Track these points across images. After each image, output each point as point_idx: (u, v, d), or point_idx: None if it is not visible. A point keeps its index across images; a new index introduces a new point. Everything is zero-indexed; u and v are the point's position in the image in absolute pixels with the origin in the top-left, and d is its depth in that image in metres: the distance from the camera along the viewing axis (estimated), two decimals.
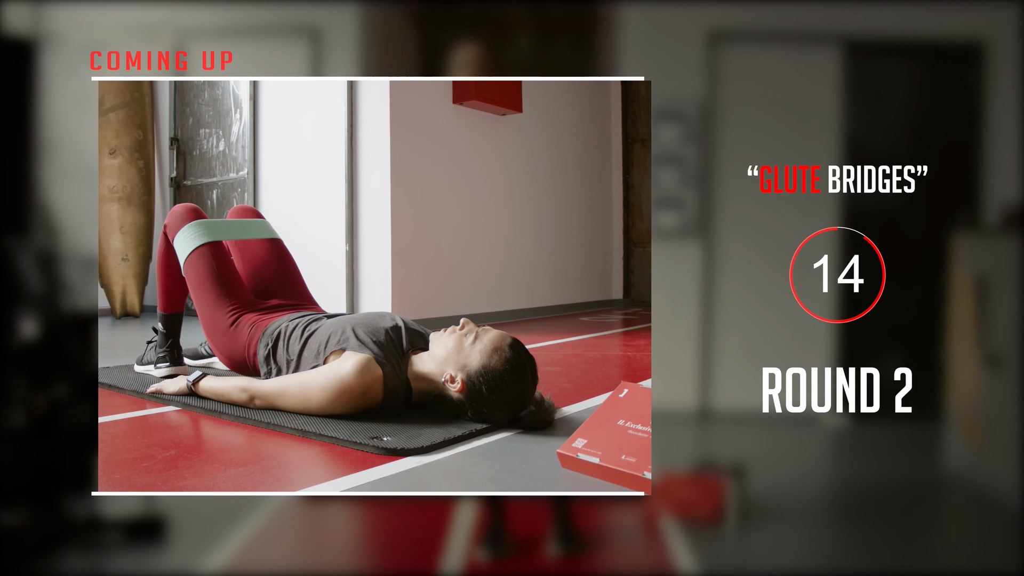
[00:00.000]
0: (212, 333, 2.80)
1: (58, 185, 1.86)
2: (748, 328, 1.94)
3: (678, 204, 1.94)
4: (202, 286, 2.83)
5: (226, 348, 2.76)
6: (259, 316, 2.76)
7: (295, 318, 2.68)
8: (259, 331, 2.68)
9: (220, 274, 2.86)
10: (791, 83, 1.92)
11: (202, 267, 2.86)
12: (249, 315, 2.77)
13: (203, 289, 2.83)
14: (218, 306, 2.79)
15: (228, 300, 2.81)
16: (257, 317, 2.75)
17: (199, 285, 2.84)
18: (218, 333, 2.78)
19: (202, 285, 2.83)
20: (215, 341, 2.80)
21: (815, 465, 2.00)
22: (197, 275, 2.86)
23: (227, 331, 2.75)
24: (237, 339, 2.72)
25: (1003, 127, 1.86)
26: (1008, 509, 1.74)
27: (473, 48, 2.06)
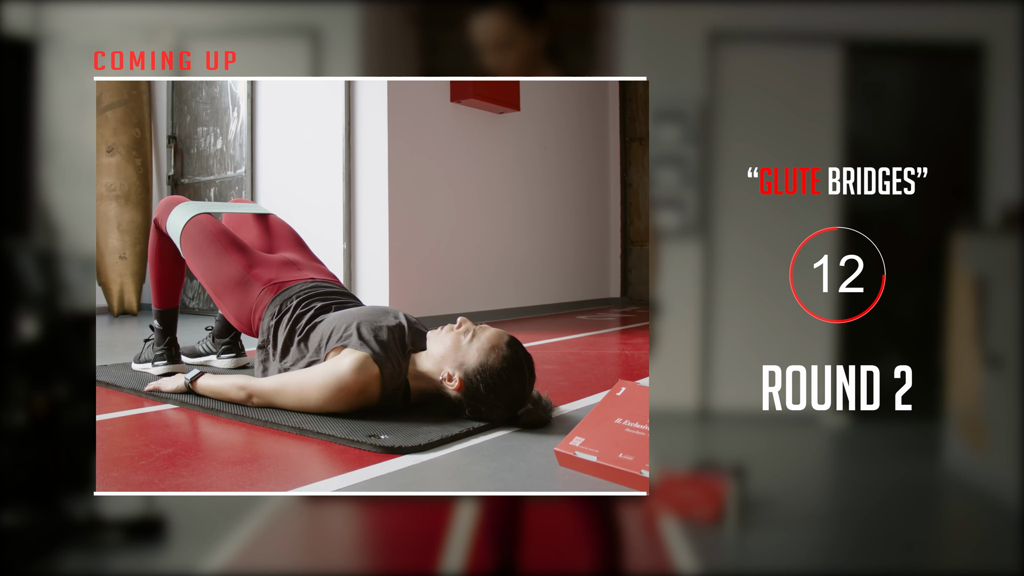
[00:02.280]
0: (220, 289, 2.75)
1: (58, 185, 1.86)
2: (748, 327, 1.94)
3: (678, 204, 1.94)
4: (203, 245, 2.78)
5: (234, 304, 2.72)
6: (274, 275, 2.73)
7: (306, 299, 2.66)
8: (268, 297, 2.66)
9: (222, 232, 2.81)
10: (791, 83, 1.92)
11: (201, 231, 2.80)
12: (259, 270, 2.74)
13: (205, 248, 2.77)
14: (223, 261, 2.73)
15: (234, 254, 2.76)
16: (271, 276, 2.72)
17: (200, 246, 2.79)
18: (228, 288, 2.73)
19: (203, 245, 2.78)
20: (223, 297, 2.74)
21: (815, 465, 2.00)
22: (197, 237, 2.80)
23: (237, 285, 2.70)
24: (247, 296, 2.68)
25: (1003, 127, 1.86)
26: (1008, 509, 1.74)
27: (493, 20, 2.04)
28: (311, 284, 2.75)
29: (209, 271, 2.76)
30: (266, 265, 2.79)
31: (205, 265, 2.76)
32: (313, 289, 2.72)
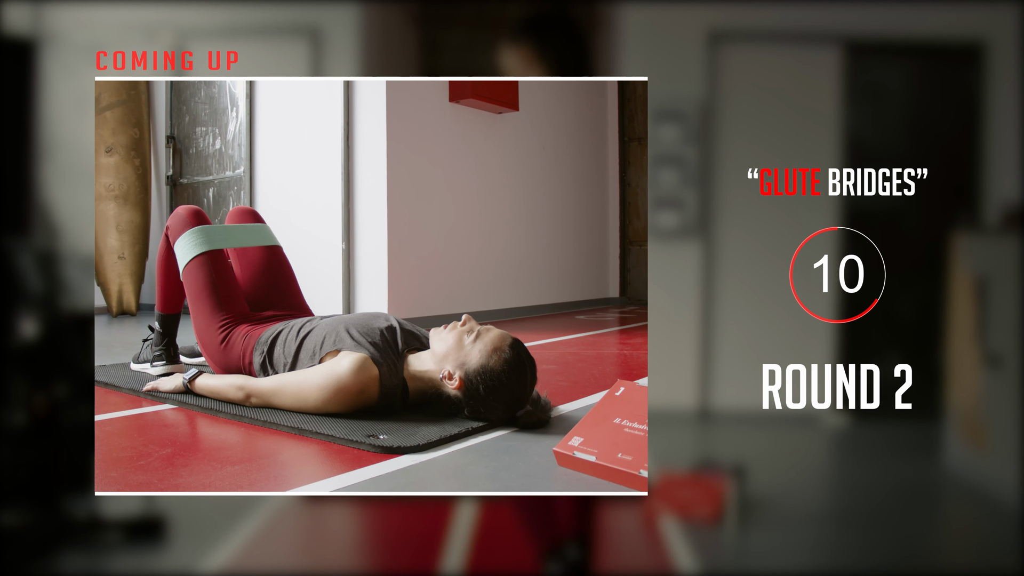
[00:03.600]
0: (206, 346, 2.80)
1: (57, 185, 1.86)
2: (748, 327, 1.94)
3: (678, 204, 1.94)
4: (199, 296, 2.82)
5: (221, 361, 2.76)
6: (251, 327, 2.75)
7: (288, 323, 2.68)
8: (253, 340, 2.67)
9: (217, 285, 2.84)
10: (791, 83, 1.92)
11: (200, 277, 2.84)
12: (242, 327, 2.76)
13: (199, 300, 2.82)
14: (212, 320, 2.78)
15: (222, 313, 2.79)
16: (250, 328, 2.75)
17: (196, 295, 2.83)
18: (212, 348, 2.77)
19: (199, 296, 2.82)
20: (209, 353, 2.80)
21: (815, 465, 2.00)
22: (195, 284, 2.85)
23: (219, 347, 2.75)
24: (231, 352, 2.72)
25: (1003, 127, 1.86)
26: (1008, 509, 1.74)
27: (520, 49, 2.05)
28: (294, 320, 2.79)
29: (199, 323, 2.83)
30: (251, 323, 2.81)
31: (196, 316, 2.84)
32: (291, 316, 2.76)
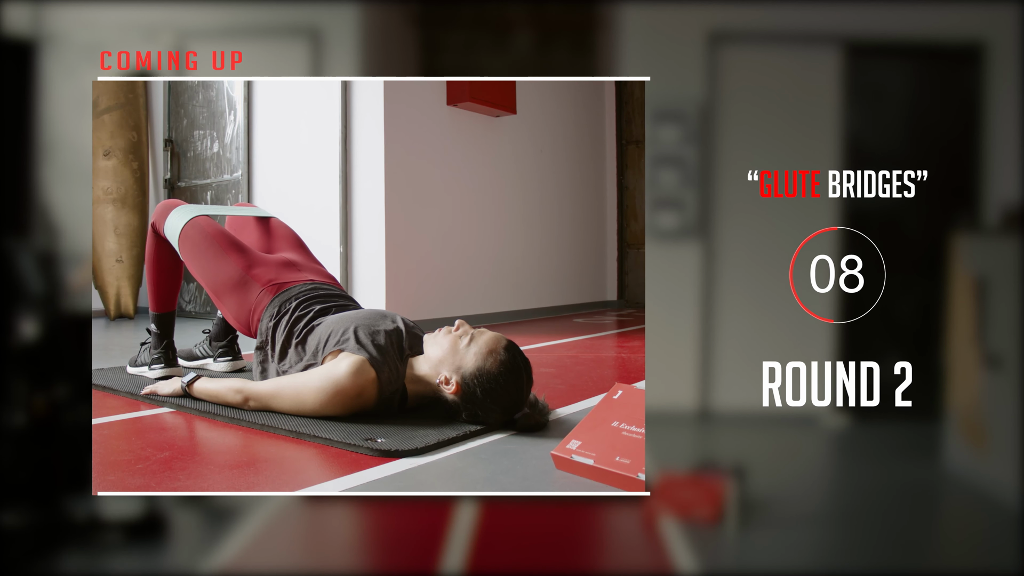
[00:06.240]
0: (219, 289, 2.73)
1: (57, 185, 1.85)
2: (747, 325, 1.94)
3: (677, 204, 1.94)
4: (201, 247, 2.77)
5: (233, 304, 2.71)
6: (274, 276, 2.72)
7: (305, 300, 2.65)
8: (268, 298, 2.65)
9: (220, 233, 2.80)
10: (791, 83, 1.92)
11: (199, 232, 2.79)
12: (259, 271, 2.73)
13: (204, 249, 2.76)
14: (222, 261, 2.72)
15: (233, 255, 2.75)
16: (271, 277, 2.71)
17: (198, 248, 2.77)
18: (227, 288, 2.71)
19: (201, 246, 2.77)
20: (222, 297, 2.73)
21: (815, 465, 2.00)
22: (195, 239, 2.79)
23: (236, 286, 2.69)
24: (246, 296, 2.67)
25: (1003, 127, 1.86)
26: (1008, 509, 1.74)
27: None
28: (310, 286, 2.75)
29: (208, 272, 2.75)
30: (265, 265, 2.78)
31: (204, 266, 2.76)
32: (312, 291, 2.72)
